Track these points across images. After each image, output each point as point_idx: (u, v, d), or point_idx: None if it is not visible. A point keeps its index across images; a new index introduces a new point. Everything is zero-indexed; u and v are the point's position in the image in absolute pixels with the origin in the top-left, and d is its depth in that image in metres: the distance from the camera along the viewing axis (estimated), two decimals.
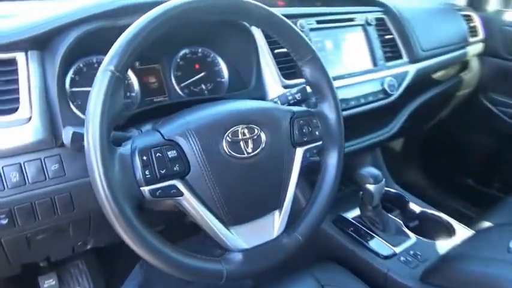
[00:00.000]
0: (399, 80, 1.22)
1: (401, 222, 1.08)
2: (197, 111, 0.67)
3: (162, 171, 0.59)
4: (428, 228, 1.11)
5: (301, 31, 1.01)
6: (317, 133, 0.75)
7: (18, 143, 0.70)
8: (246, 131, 0.65)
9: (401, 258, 0.96)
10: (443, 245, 1.00)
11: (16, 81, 0.71)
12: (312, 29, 1.07)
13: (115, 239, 0.58)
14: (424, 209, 1.16)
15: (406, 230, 1.05)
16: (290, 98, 0.83)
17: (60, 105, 0.72)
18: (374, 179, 0.99)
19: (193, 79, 0.97)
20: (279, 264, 0.70)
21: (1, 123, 0.69)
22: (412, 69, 1.27)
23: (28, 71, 0.72)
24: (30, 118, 0.71)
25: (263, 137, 0.67)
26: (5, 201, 0.68)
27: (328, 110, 0.77)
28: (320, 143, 0.76)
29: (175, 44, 0.96)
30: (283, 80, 0.99)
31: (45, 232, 0.77)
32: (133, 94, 0.90)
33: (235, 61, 1.01)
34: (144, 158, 0.58)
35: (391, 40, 1.26)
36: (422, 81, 1.34)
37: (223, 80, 1.02)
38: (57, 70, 0.72)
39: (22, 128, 0.70)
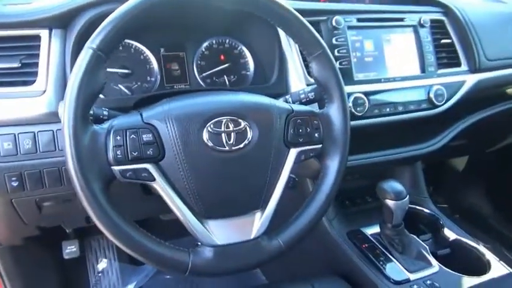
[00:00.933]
0: (452, 90, 1.09)
1: (427, 247, 0.97)
2: (183, 99, 0.65)
3: (134, 153, 0.59)
4: (459, 259, 0.98)
5: (336, 28, 0.96)
6: (316, 135, 0.70)
7: (33, 113, 0.75)
8: (230, 123, 0.63)
9: (415, 287, 0.85)
10: (470, 282, 0.87)
11: (37, 56, 0.77)
12: (350, 27, 1.00)
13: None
14: (459, 237, 1.02)
15: (429, 256, 0.94)
16: (302, 96, 0.78)
17: None
18: (396, 195, 0.89)
19: (217, 69, 0.97)
20: (253, 266, 0.67)
21: (19, 94, 0.75)
22: (471, 79, 1.12)
23: (49, 47, 0.77)
24: (45, 91, 0.76)
25: (249, 132, 0.64)
26: (16, 165, 0.74)
27: (334, 112, 0.71)
28: (319, 146, 0.70)
29: (202, 33, 0.96)
30: (308, 77, 0.94)
31: (53, 200, 0.83)
32: (152, 79, 0.92)
33: (260, 54, 0.98)
34: (118, 138, 0.59)
35: (448, 45, 1.13)
36: (484, 95, 1.18)
37: (248, 73, 1.00)
38: (71, 48, 0.76)
39: (37, 99, 0.76)
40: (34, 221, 0.89)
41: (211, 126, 0.62)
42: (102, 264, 1.35)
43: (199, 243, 0.64)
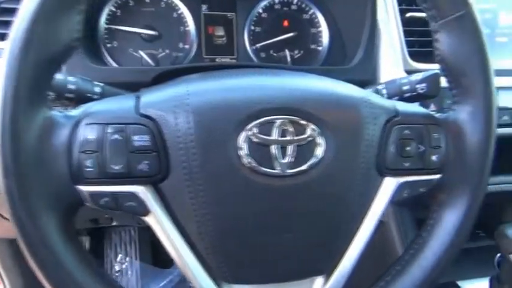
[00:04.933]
0: None
1: None
2: (215, 78, 0.39)
3: (116, 167, 0.34)
4: None
5: None
6: (434, 158, 0.40)
7: None
8: (288, 128, 0.36)
9: None
10: None
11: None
12: None
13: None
14: None
15: None
16: (406, 88, 0.49)
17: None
18: None
19: (277, 39, 0.69)
20: None
21: None
22: None
23: None
24: None
25: (320, 145, 0.36)
26: None
27: (470, 119, 0.41)
28: (437, 177, 0.41)
29: None
30: (410, 61, 0.64)
31: None
32: (186, 46, 0.67)
33: (341, 22, 0.69)
34: (91, 137, 0.34)
35: None
36: None
37: (320, 48, 0.71)
38: None
39: None
40: None
41: (255, 130, 0.35)
42: (121, 262, 1.15)
43: None
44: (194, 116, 0.34)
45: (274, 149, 0.35)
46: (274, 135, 0.35)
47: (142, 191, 0.35)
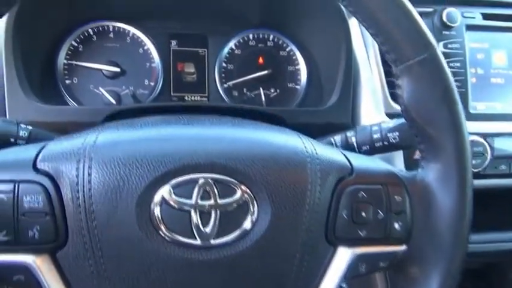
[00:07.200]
0: None
1: None
2: (128, 127, 0.34)
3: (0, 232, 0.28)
4: None
5: (448, 26, 0.60)
6: (397, 226, 0.34)
7: None
8: (213, 188, 0.30)
9: None
10: None
11: None
12: (470, 27, 0.62)
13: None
14: None
15: None
16: (377, 136, 0.44)
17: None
18: None
19: (250, 77, 0.64)
20: None
21: None
22: None
23: None
24: None
25: (253, 211, 0.30)
26: None
27: (441, 177, 0.34)
28: (402, 248, 0.34)
29: (235, 22, 0.64)
30: (392, 103, 0.58)
31: None
32: (151, 83, 0.62)
33: (319, 61, 0.64)
34: None
35: None
36: None
37: (297, 86, 0.66)
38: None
39: None
40: None
41: (172, 191, 0.29)
42: None
43: None
44: (97, 172, 0.29)
45: (194, 214, 0.29)
46: (195, 197, 0.30)
47: (33, 262, 0.29)
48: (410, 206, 0.34)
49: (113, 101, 0.60)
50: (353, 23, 0.58)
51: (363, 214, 0.33)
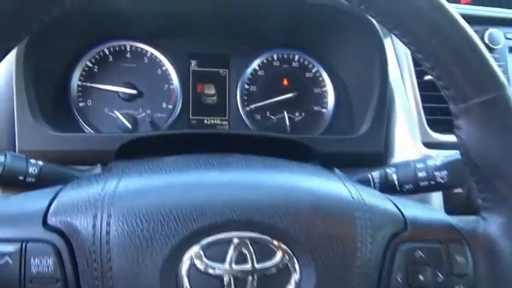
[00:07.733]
0: None
1: None
2: (147, 170, 0.30)
3: None
4: None
5: (492, 48, 0.56)
6: None
7: None
8: (250, 249, 0.26)
9: None
10: None
11: None
12: None
13: None
14: None
15: None
16: (422, 175, 0.40)
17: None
18: None
19: (274, 100, 0.61)
20: None
21: None
22: None
23: None
24: None
25: (295, 275, 0.26)
26: None
27: (506, 233, 0.30)
28: None
29: (258, 41, 0.61)
30: (429, 131, 0.54)
31: None
32: (170, 106, 0.59)
33: (349, 83, 0.60)
34: None
35: None
36: None
37: (324, 110, 0.62)
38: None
39: None
40: None
41: (201, 253, 0.25)
42: None
43: None
44: (117, 229, 0.25)
45: (228, 281, 0.25)
46: (229, 261, 0.25)
47: None
48: (474, 266, 0.30)
49: (129, 125, 0.56)
50: (389, 47, 0.54)
51: (420, 277, 0.28)
